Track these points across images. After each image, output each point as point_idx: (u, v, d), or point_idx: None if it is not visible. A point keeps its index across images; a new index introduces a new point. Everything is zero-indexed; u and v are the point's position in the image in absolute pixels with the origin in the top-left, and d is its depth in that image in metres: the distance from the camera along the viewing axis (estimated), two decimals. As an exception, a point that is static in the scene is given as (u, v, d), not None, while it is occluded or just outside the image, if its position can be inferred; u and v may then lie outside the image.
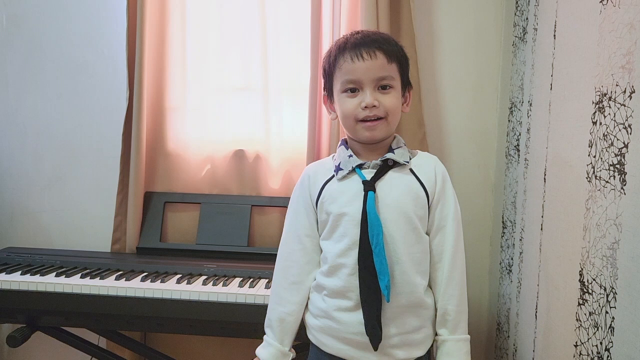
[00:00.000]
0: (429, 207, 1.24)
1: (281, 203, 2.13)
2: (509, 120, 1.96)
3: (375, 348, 1.17)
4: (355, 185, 1.22)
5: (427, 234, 1.25)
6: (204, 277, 1.80)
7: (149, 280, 1.76)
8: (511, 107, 1.94)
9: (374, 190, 1.19)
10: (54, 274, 1.81)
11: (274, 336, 1.29)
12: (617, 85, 1.05)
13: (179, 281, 1.76)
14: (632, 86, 0.98)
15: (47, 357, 2.32)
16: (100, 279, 1.77)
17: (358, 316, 1.18)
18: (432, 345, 1.27)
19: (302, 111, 2.10)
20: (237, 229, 2.08)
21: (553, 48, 1.49)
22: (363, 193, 1.19)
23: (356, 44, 1.20)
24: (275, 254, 2.02)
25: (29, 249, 2.13)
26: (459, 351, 1.21)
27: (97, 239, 2.25)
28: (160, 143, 2.22)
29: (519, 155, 1.82)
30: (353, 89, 1.21)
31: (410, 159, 1.26)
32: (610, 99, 1.08)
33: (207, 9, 2.19)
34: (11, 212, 2.33)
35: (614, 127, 1.06)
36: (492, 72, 2.13)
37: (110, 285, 1.71)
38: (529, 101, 1.72)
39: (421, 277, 1.22)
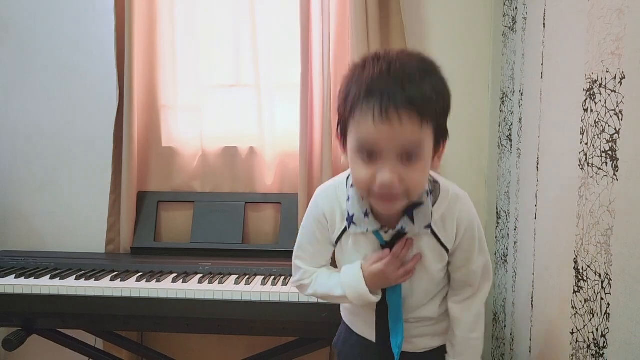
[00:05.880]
0: (449, 255, 1.14)
1: (275, 199, 2.12)
2: (500, 111, 1.96)
3: None
4: (372, 242, 1.11)
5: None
6: (199, 276, 1.79)
7: (144, 280, 1.75)
8: (502, 97, 1.94)
9: None
10: (49, 276, 1.79)
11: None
12: (607, 71, 1.05)
13: (174, 280, 1.75)
14: (622, 72, 0.98)
15: (44, 359, 2.32)
16: (95, 280, 1.76)
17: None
18: None
19: (294, 107, 2.09)
20: (231, 226, 2.08)
21: (543, 37, 1.49)
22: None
23: (382, 96, 0.90)
24: (270, 251, 2.04)
25: (23, 252, 2.11)
26: None
27: (91, 240, 2.23)
28: (152, 142, 2.21)
29: (511, 145, 1.82)
30: (370, 154, 0.95)
31: (432, 208, 1.07)
32: (600, 85, 1.08)
33: (195, 6, 2.18)
34: (4, 215, 2.31)
35: (605, 114, 1.06)
36: (483, 62, 2.13)
37: (105, 286, 1.70)
38: (520, 91, 1.72)
39: (436, 303, 1.19)
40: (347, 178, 1.11)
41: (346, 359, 1.30)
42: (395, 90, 0.90)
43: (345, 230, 1.12)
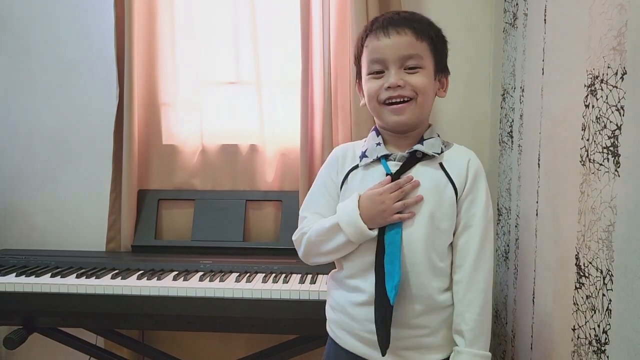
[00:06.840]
0: (457, 204, 1.14)
1: (275, 197, 2.12)
2: (501, 107, 1.96)
3: (383, 353, 1.10)
4: (379, 176, 1.15)
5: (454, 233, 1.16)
6: (200, 274, 1.79)
7: (145, 278, 1.76)
8: (503, 94, 1.93)
9: None
10: (50, 274, 1.79)
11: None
12: (608, 67, 1.05)
13: (175, 278, 1.75)
14: (624, 67, 0.98)
15: (45, 358, 2.32)
16: (95, 278, 1.76)
17: (371, 312, 1.11)
18: None
19: (295, 104, 2.09)
20: (232, 224, 2.08)
21: (544, 32, 1.48)
22: None
23: (384, 23, 1.14)
24: (271, 248, 2.04)
25: (24, 250, 2.12)
26: None
27: (92, 238, 2.23)
28: (153, 140, 2.21)
29: (512, 141, 1.81)
30: (379, 71, 1.14)
31: (443, 151, 1.17)
32: (602, 81, 1.07)
33: (195, 3, 2.17)
34: (4, 213, 2.31)
35: (607, 110, 1.05)
36: (484, 59, 2.12)
37: (106, 284, 1.70)
38: (521, 87, 1.71)
39: (439, 280, 1.14)
40: (365, 140, 1.25)
41: None
42: (396, 19, 1.14)
43: (353, 168, 1.21)
